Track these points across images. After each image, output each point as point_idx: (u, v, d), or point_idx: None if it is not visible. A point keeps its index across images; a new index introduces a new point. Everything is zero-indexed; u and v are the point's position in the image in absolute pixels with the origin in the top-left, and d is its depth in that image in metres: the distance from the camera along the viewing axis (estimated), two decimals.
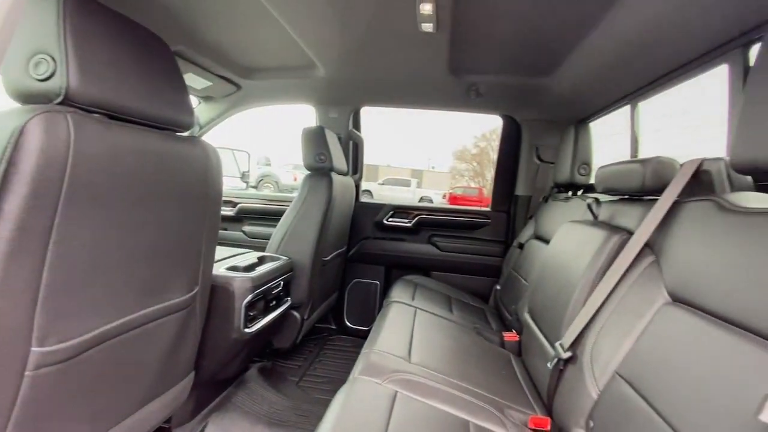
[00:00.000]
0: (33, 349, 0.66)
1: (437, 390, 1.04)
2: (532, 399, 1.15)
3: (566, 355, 1.01)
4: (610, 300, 0.99)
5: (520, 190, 2.29)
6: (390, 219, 2.43)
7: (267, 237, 1.87)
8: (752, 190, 0.89)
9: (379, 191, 15.73)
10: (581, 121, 1.79)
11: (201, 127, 2.46)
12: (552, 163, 2.15)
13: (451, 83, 1.89)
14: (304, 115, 2.58)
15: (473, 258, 2.35)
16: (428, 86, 1.97)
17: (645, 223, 0.98)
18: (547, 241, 1.65)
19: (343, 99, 2.29)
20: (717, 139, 1.21)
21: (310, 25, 1.47)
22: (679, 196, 0.94)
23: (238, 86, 2.18)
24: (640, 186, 1.07)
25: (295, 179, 13.00)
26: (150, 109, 0.85)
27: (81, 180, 0.66)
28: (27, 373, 0.66)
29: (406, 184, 17.36)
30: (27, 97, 0.69)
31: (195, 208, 1.00)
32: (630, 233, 1.03)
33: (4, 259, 0.59)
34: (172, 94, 0.92)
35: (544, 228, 1.82)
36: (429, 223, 2.42)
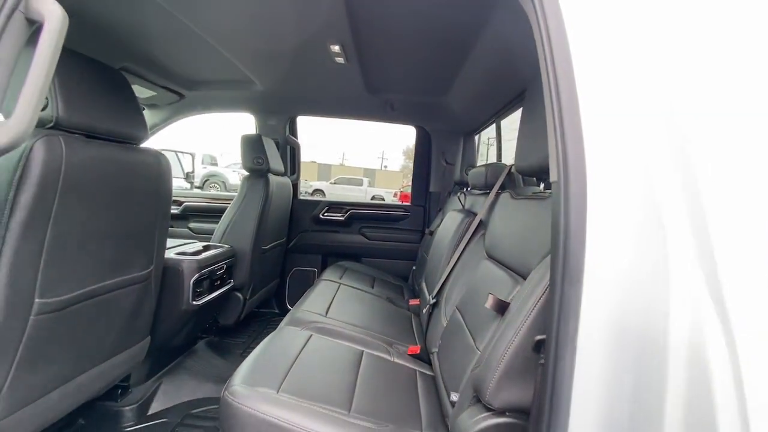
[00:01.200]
0: (36, 300, 0.94)
1: (342, 333, 1.42)
2: (417, 338, 1.57)
3: (432, 300, 1.44)
4: (460, 261, 1.43)
5: (433, 187, 2.76)
6: (325, 214, 2.79)
7: (211, 233, 2.14)
8: (536, 185, 1.36)
9: (331, 190, 15.94)
10: (468, 134, 2.27)
11: None
12: (454, 165, 2.63)
13: (370, 99, 2.29)
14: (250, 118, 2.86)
15: (396, 245, 2.78)
16: (351, 101, 2.35)
17: (482, 209, 1.43)
18: None
19: (280, 109, 2.60)
20: None
21: (244, 51, 1.78)
22: (500, 189, 1.40)
23: (181, 95, 2.41)
24: (485, 183, 1.53)
25: None
26: (114, 129, 1.13)
27: (70, 182, 0.95)
28: (31, 317, 0.94)
29: (358, 183, 17.69)
30: None
31: (150, 204, 1.29)
32: (475, 215, 1.48)
33: (19, 235, 0.87)
34: (130, 116, 1.20)
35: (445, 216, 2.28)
36: (359, 216, 2.80)
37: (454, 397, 0.95)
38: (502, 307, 0.90)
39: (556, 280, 0.59)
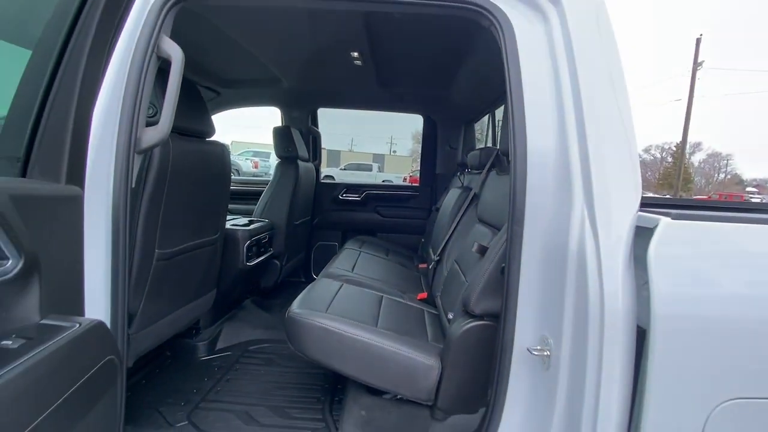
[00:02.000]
0: (156, 250, 1.34)
1: (366, 283, 1.80)
2: (425, 288, 1.96)
3: (436, 258, 1.81)
4: (458, 227, 1.79)
5: (439, 169, 3.10)
6: (344, 195, 3.17)
7: (245, 212, 2.53)
8: None
9: (341, 177, 16.28)
10: (468, 122, 2.60)
11: None
12: (457, 149, 2.96)
13: (382, 92, 2.63)
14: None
15: (408, 221, 3.15)
16: (365, 94, 2.70)
17: (477, 184, 1.78)
18: None
19: (303, 102, 2.96)
20: None
21: (276, 55, 2.14)
22: (490, 168, 1.75)
23: (217, 93, 2.78)
24: (479, 163, 1.87)
25: (256, 166, 13.17)
26: (194, 127, 1.51)
27: (174, 167, 1.33)
28: (154, 262, 1.34)
29: (367, 168, 17.96)
30: None
31: (217, 184, 1.67)
32: (471, 190, 1.84)
33: (148, 203, 1.26)
34: (203, 117, 1.58)
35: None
36: (374, 197, 3.17)
37: (450, 315, 1.33)
38: (483, 250, 1.26)
39: (509, 223, 0.96)
